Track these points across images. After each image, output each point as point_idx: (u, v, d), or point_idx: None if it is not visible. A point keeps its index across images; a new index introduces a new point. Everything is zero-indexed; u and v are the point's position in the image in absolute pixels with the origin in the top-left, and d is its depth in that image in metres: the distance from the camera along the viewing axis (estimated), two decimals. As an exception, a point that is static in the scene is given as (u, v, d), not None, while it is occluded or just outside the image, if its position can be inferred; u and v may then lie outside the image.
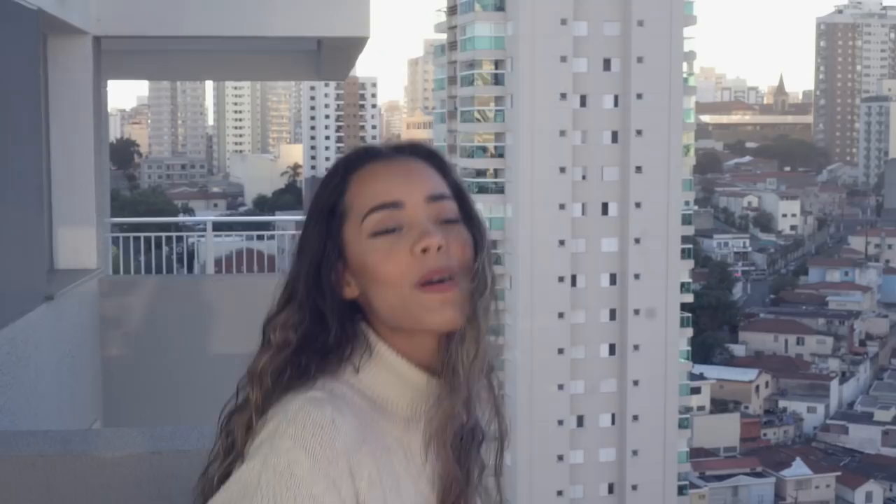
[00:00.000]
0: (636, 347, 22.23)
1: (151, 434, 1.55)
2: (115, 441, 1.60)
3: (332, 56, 4.67)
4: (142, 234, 4.54)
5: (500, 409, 0.58)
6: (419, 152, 0.59)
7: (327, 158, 58.79)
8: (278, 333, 0.56)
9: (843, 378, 34.75)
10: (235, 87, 74.67)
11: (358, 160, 0.57)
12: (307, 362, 0.55)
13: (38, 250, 3.26)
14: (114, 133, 71.88)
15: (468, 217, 0.58)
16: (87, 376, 3.85)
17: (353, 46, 4.18)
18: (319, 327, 0.56)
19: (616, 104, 22.77)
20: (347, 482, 0.51)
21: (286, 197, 48.42)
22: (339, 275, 0.56)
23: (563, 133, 22.21)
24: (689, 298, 23.94)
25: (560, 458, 21.37)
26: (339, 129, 60.67)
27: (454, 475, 0.55)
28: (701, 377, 29.96)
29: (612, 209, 22.76)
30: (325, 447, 0.51)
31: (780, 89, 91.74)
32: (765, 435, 31.67)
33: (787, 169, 67.36)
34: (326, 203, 0.57)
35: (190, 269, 5.36)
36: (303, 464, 0.51)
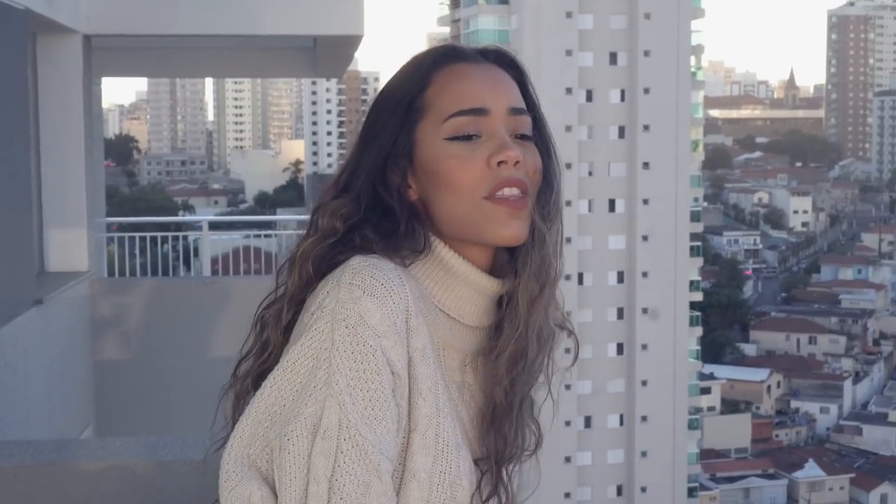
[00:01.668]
0: (644, 347, 22.10)
1: (134, 444, 1.53)
2: (97, 452, 1.58)
3: (327, 54, 4.58)
4: (137, 234, 4.49)
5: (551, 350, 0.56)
6: (503, 60, 0.57)
7: (329, 154, 58.64)
8: (327, 220, 0.54)
9: (857, 378, 34.48)
10: (236, 83, 74.82)
11: (444, 58, 0.55)
12: (355, 247, 0.53)
13: (26, 252, 3.18)
14: (112, 129, 72.82)
15: (541, 135, 0.57)
16: (78, 382, 3.76)
17: (347, 44, 4.09)
18: (377, 221, 0.53)
19: (623, 99, 22.58)
20: (405, 342, 0.49)
21: (288, 193, 47.84)
22: (403, 173, 0.55)
23: (568, 128, 22.02)
24: (699, 297, 23.79)
25: (567, 459, 21.30)
26: (340, 124, 60.67)
27: (500, 393, 0.53)
28: (711, 377, 29.74)
29: (620, 206, 22.58)
30: (393, 298, 0.49)
31: (790, 83, 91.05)
32: (777, 436, 31.45)
33: (799, 164, 66.79)
34: (406, 96, 0.54)
35: (190, 268, 5.31)
36: (374, 313, 0.48)
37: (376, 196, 0.54)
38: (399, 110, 0.54)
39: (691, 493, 22.55)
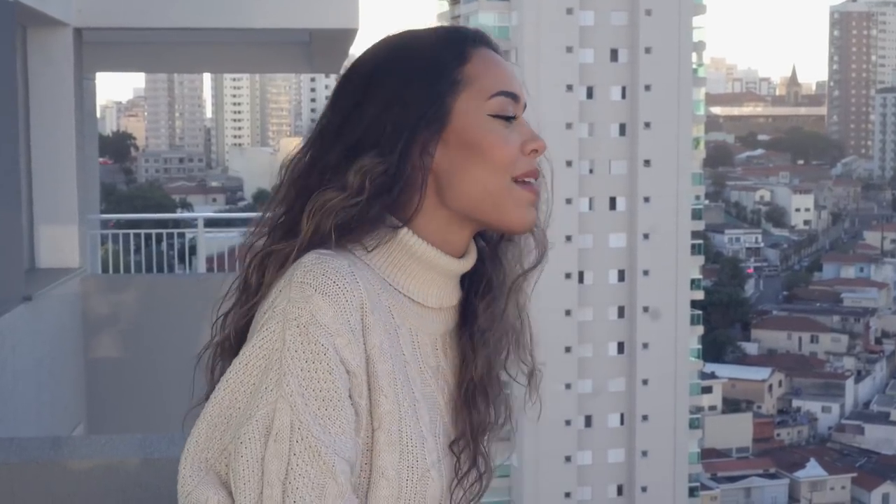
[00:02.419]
0: (645, 346, 22.02)
1: (120, 442, 1.50)
2: (82, 449, 1.56)
3: (323, 48, 4.54)
4: (132, 232, 4.47)
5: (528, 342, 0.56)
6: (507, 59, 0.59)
7: (329, 152, 58.85)
8: (356, 177, 0.52)
9: (859, 377, 34.34)
10: (234, 79, 74.25)
11: (478, 38, 0.56)
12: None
13: (15, 249, 3.13)
14: (109, 126, 71.59)
15: None
16: (68, 380, 3.72)
17: (343, 38, 4.04)
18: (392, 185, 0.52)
19: (624, 96, 22.47)
20: (361, 340, 0.49)
21: (287, 191, 49.06)
22: (428, 141, 0.54)
23: (569, 126, 21.97)
24: (700, 295, 23.71)
25: (568, 458, 21.26)
26: (340, 121, 61.22)
27: (473, 372, 0.54)
28: (712, 376, 29.66)
29: (620, 204, 22.49)
30: (346, 295, 0.48)
31: (792, 80, 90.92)
32: (778, 435, 31.37)
33: (801, 162, 66.63)
34: (445, 66, 0.54)
35: (186, 266, 5.28)
36: (326, 311, 0.48)
37: (400, 161, 0.52)
38: (439, 79, 0.53)
39: (692, 492, 22.47)
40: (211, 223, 4.92)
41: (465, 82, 0.54)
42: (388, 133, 0.52)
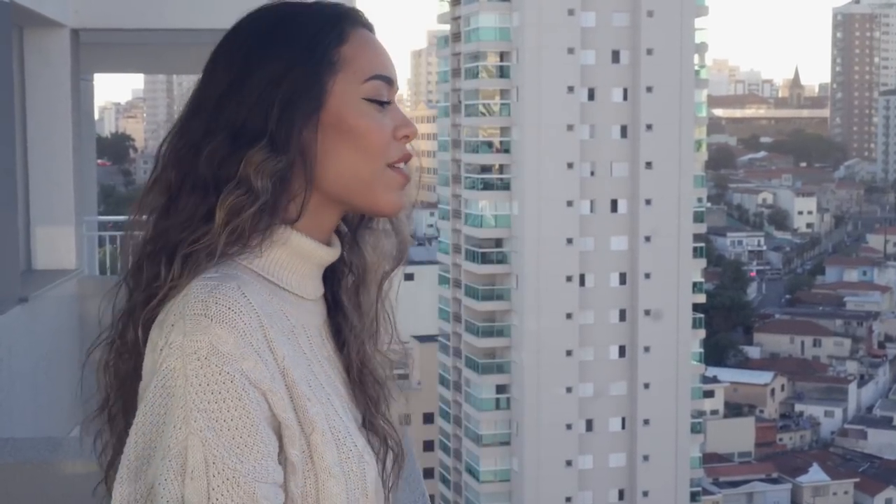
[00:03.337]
0: (647, 349, 21.91)
1: None
2: (76, 451, 1.53)
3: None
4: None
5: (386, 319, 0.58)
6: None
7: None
8: (259, 176, 0.50)
9: (862, 381, 34.36)
10: (233, 80, 76.44)
11: (355, 17, 0.54)
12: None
13: (12, 250, 3.11)
14: (108, 127, 72.24)
15: None
16: (65, 381, 3.68)
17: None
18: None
19: (625, 98, 22.40)
20: (270, 357, 0.49)
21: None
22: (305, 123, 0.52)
23: (570, 127, 21.91)
24: (702, 299, 23.55)
25: (568, 463, 21.18)
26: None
27: (353, 357, 0.55)
28: (714, 380, 29.63)
29: (622, 206, 22.40)
30: (244, 318, 0.48)
31: (795, 82, 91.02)
32: (780, 440, 31.35)
33: (803, 165, 66.58)
34: (327, 45, 0.52)
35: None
36: (227, 340, 0.47)
37: (278, 145, 0.50)
38: (320, 60, 0.51)
39: (694, 497, 22.40)
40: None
41: (341, 63, 0.52)
42: (276, 120, 0.50)
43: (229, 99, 0.50)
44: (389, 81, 0.53)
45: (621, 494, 21.65)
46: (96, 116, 5.86)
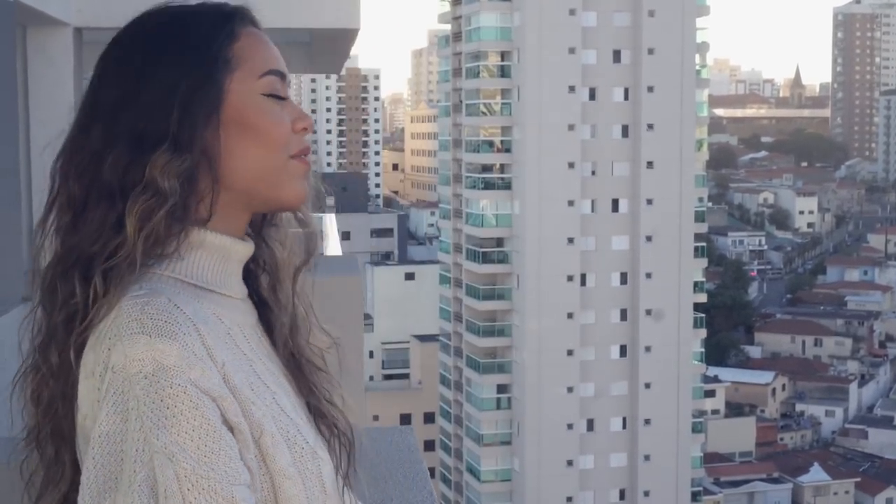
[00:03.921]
0: (648, 349, 21.89)
1: None
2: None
3: (323, 48, 4.49)
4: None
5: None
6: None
7: (329, 153, 58.65)
8: (165, 178, 0.50)
9: (863, 381, 34.41)
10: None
11: (244, 15, 0.55)
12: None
13: (15, 249, 3.07)
14: None
15: None
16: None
17: (343, 38, 3.99)
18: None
19: (626, 97, 22.38)
20: (212, 365, 0.48)
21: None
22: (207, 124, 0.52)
23: (571, 127, 21.87)
24: (703, 298, 23.55)
25: (569, 463, 21.16)
26: (340, 122, 60.40)
27: (288, 349, 0.55)
28: (715, 380, 29.65)
29: (623, 206, 22.38)
30: (181, 328, 0.47)
31: (796, 82, 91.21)
32: (781, 439, 31.35)
33: (804, 164, 66.77)
34: (220, 44, 0.52)
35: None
36: (170, 352, 0.47)
37: (182, 147, 0.50)
38: (214, 60, 0.51)
39: (695, 497, 22.40)
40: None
41: (236, 61, 0.52)
42: (177, 122, 0.50)
43: (127, 105, 0.50)
44: (283, 76, 0.53)
45: (622, 494, 21.62)
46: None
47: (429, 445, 24.29)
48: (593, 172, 22.30)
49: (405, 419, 23.35)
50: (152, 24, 0.51)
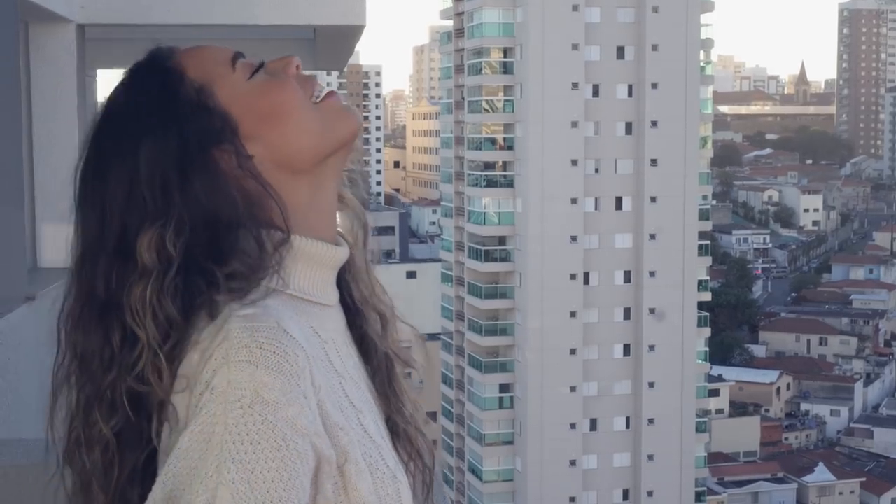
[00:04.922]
0: (651, 348, 21.80)
1: None
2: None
3: (327, 45, 4.46)
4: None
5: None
6: None
7: (332, 152, 58.79)
8: (152, 254, 0.49)
9: (868, 380, 34.25)
10: (237, 77, 77.44)
11: (168, 55, 0.53)
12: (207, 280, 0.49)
13: (17, 248, 3.07)
14: None
15: None
16: (72, 381, 3.65)
17: (348, 35, 3.95)
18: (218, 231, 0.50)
19: (630, 94, 22.26)
20: (313, 396, 0.48)
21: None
22: (231, 149, 0.51)
23: (574, 124, 21.75)
24: (707, 297, 23.48)
25: (572, 462, 21.08)
26: (341, 119, 61.08)
27: (380, 356, 0.55)
28: (719, 379, 29.53)
29: (627, 203, 22.30)
30: (290, 361, 0.47)
31: (801, 78, 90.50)
32: (786, 439, 31.25)
33: (809, 162, 66.45)
34: (177, 89, 0.51)
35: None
36: (273, 386, 0.46)
37: (197, 199, 0.49)
38: (183, 102, 0.51)
39: (699, 497, 22.31)
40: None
41: (202, 82, 0.52)
42: (172, 179, 0.49)
43: (158, 193, 0.49)
44: (241, 53, 0.53)
45: (626, 494, 21.56)
46: (103, 113, 5.79)
47: (432, 444, 24.53)
48: (596, 170, 22.18)
49: (408, 417, 23.51)
50: (113, 122, 0.50)
